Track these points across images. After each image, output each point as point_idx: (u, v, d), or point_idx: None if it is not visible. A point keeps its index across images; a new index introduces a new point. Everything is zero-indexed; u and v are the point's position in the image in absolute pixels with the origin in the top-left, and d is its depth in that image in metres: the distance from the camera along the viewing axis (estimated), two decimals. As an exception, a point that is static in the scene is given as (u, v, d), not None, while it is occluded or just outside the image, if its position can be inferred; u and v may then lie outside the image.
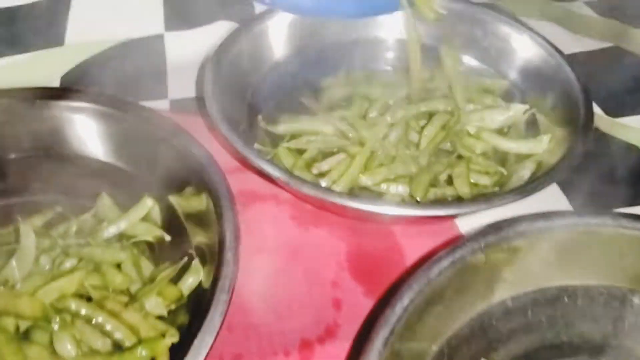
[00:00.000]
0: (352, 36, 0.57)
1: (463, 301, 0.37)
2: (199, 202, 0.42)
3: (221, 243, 0.38)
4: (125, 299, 0.39)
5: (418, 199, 0.45)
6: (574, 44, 0.64)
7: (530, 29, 0.56)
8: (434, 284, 0.35)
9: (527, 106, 0.52)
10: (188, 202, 0.44)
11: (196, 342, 0.32)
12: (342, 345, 0.39)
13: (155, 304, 0.38)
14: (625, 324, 0.38)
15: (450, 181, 0.47)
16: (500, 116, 0.51)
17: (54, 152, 0.46)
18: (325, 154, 0.49)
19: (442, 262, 0.36)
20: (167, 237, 0.43)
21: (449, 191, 0.46)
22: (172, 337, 0.36)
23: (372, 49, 0.57)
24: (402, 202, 0.47)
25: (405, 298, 0.34)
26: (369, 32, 0.57)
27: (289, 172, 0.44)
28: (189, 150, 0.44)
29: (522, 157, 0.49)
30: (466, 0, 0.58)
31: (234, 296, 0.36)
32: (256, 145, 0.46)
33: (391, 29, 0.58)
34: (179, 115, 0.52)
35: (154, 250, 0.43)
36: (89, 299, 0.38)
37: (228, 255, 0.37)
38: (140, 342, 0.36)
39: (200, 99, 0.50)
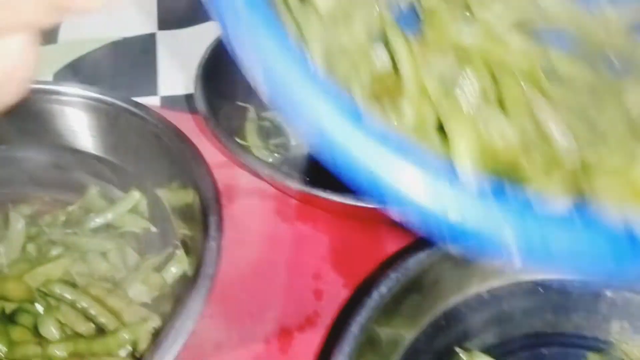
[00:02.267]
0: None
1: (439, 291, 0.38)
2: (186, 196, 0.43)
3: (205, 234, 0.39)
4: (109, 286, 0.39)
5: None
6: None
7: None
8: (410, 273, 0.36)
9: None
10: (175, 196, 0.45)
11: (177, 324, 0.33)
12: (321, 333, 0.40)
13: (139, 292, 0.39)
14: (599, 316, 0.39)
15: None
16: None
17: (43, 144, 0.47)
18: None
19: (420, 254, 0.37)
20: (154, 229, 0.44)
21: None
22: (154, 322, 0.37)
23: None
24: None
25: (382, 286, 0.35)
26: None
27: (274, 167, 0.45)
28: (176, 144, 0.44)
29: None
30: None
31: (217, 286, 0.37)
32: (239, 140, 0.47)
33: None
34: (169, 111, 0.53)
35: (140, 242, 0.44)
36: (74, 286, 0.39)
37: (212, 244, 0.38)
38: (123, 326, 0.36)
39: (190, 96, 0.51)
